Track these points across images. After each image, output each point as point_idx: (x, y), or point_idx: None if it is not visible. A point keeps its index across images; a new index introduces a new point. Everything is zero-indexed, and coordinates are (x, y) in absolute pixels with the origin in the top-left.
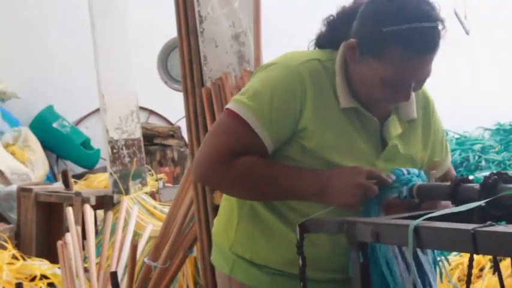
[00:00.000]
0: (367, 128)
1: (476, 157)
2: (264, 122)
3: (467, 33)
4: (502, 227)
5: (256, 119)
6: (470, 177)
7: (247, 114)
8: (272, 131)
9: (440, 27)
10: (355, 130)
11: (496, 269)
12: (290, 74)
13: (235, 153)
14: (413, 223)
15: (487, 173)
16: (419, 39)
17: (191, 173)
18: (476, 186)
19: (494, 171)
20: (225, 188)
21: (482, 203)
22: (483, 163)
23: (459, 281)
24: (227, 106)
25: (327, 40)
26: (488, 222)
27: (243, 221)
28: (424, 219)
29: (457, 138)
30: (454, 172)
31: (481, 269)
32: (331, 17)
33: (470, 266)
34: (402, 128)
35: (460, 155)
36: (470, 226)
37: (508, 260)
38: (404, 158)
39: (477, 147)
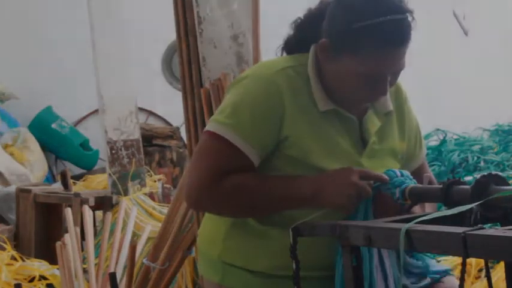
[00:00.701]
0: (348, 128)
1: (475, 158)
2: (246, 138)
3: (465, 33)
4: (492, 230)
5: (238, 135)
6: (468, 178)
7: (228, 133)
8: (255, 144)
9: (410, 18)
10: (336, 132)
11: (486, 273)
12: (265, 85)
13: (224, 174)
14: (404, 226)
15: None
16: (391, 32)
17: (184, 201)
18: (468, 188)
19: (486, 173)
20: (221, 211)
21: (473, 205)
22: (482, 164)
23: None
24: (207, 128)
25: (296, 43)
26: (479, 226)
27: (231, 229)
28: (416, 222)
29: (455, 139)
30: (428, 168)
31: (480, 270)
32: (299, 20)
33: (463, 269)
34: (380, 122)
35: (458, 155)
36: (460, 229)
37: None
38: (387, 152)
39: (476, 147)
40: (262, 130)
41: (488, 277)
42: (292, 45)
